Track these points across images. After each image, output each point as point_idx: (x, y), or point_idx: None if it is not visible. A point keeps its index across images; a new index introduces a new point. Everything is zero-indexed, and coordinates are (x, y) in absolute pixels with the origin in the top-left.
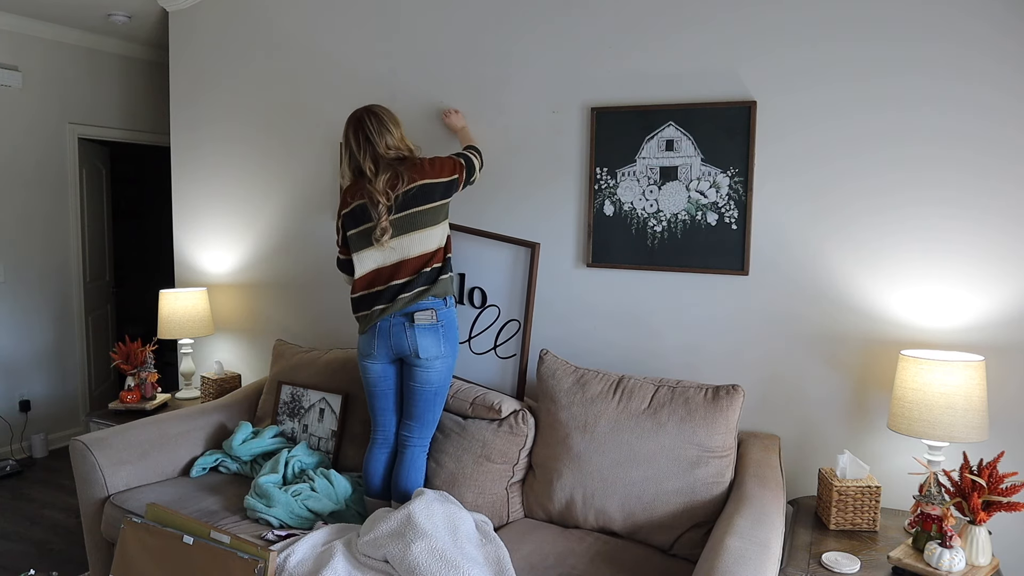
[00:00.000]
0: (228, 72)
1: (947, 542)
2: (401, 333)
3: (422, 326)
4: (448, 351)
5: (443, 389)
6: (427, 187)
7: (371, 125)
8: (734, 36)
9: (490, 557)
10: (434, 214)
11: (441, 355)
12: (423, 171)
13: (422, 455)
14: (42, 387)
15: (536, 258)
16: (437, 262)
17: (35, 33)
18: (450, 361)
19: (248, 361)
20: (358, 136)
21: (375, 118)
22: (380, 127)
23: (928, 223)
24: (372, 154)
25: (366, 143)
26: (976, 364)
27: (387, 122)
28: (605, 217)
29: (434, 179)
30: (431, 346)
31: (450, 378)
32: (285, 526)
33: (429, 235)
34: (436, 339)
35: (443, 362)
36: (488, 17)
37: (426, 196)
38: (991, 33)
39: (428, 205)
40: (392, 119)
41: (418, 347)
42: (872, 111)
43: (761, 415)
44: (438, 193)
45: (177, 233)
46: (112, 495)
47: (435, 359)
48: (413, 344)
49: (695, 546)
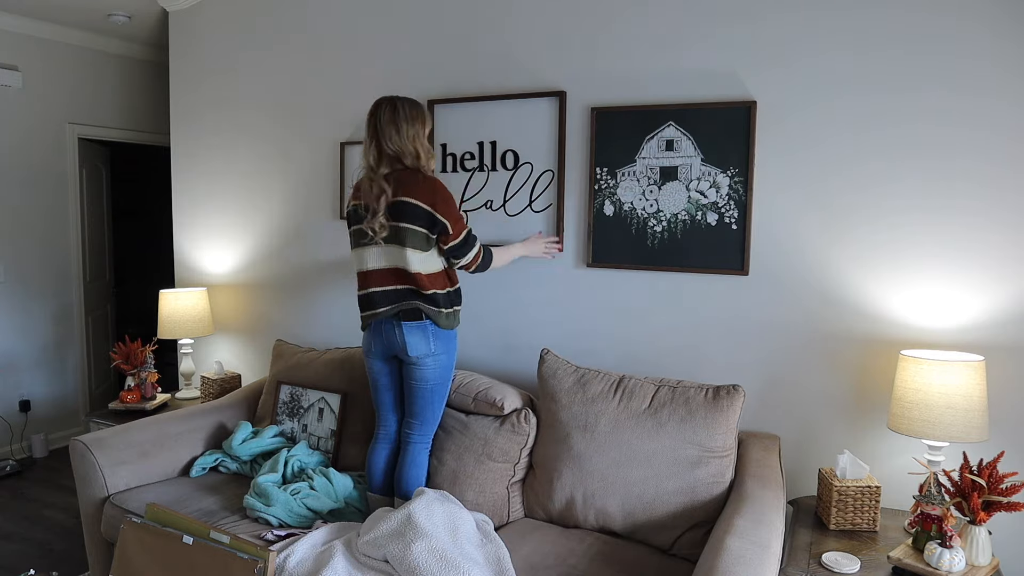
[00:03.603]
0: (228, 72)
1: (947, 542)
2: (392, 331)
3: (410, 324)
4: (440, 349)
5: (441, 387)
6: (410, 206)
7: (383, 115)
8: (734, 36)
9: (490, 557)
10: (417, 239)
11: (431, 353)
12: (412, 188)
13: (423, 452)
14: (42, 387)
15: (564, 105)
16: (430, 289)
17: (35, 33)
18: (443, 359)
19: (248, 361)
20: (371, 124)
21: (390, 109)
22: (391, 119)
23: (929, 223)
24: (377, 145)
25: (375, 133)
26: (976, 364)
27: (400, 117)
28: (605, 217)
29: (420, 202)
30: (419, 344)
31: (447, 376)
32: (284, 525)
33: (411, 256)
34: (424, 337)
35: (435, 360)
36: (486, 12)
37: (409, 215)
38: (994, 42)
39: (410, 226)
40: (408, 116)
41: (407, 346)
42: (873, 114)
43: (761, 415)
44: (421, 219)
45: (177, 233)
46: (112, 495)
47: (425, 357)
48: (402, 342)
49: (695, 546)
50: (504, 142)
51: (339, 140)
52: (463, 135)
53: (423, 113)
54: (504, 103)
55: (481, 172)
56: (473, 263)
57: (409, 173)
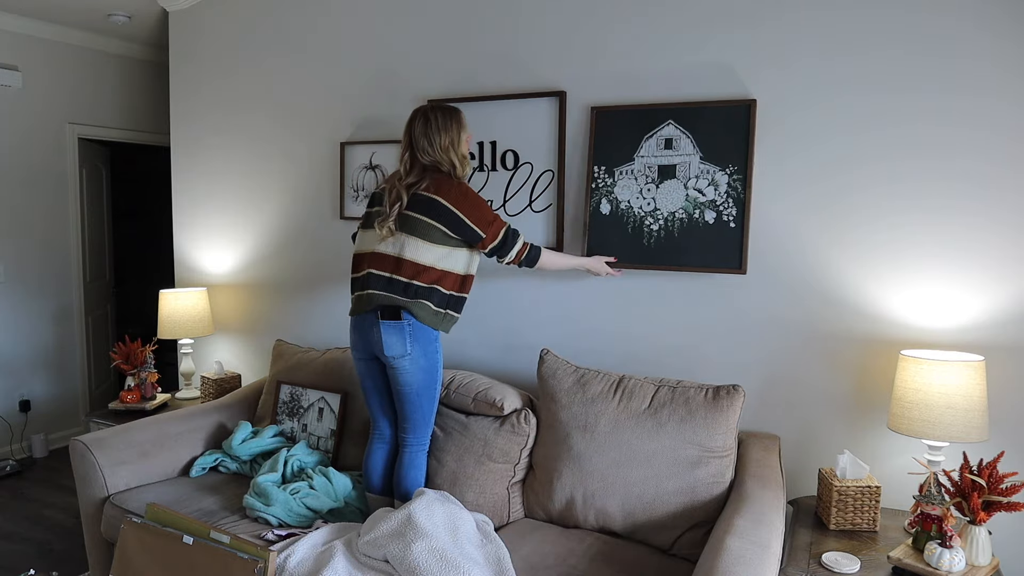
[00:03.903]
0: (228, 72)
1: (947, 542)
2: (371, 328)
3: (388, 323)
4: (417, 351)
5: (425, 390)
6: (437, 204)
7: (417, 126)
8: (734, 35)
9: (490, 557)
10: (433, 233)
11: (407, 354)
12: (444, 189)
13: (419, 454)
14: (42, 387)
15: (564, 105)
16: (426, 281)
17: (35, 33)
18: (422, 362)
19: (248, 361)
20: (408, 132)
21: (422, 121)
22: (424, 130)
23: (929, 223)
24: (411, 154)
25: (409, 143)
26: (976, 364)
27: (432, 129)
28: (602, 216)
29: (449, 204)
30: (395, 344)
31: (431, 381)
32: (284, 525)
33: (421, 248)
34: (401, 338)
35: (412, 363)
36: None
37: (433, 211)
38: (994, 43)
39: (430, 220)
40: (440, 126)
41: (383, 344)
42: (873, 113)
43: (761, 415)
44: (445, 220)
45: (177, 233)
46: (112, 495)
47: (401, 358)
48: (379, 340)
49: (695, 546)
50: (504, 142)
51: (339, 140)
52: None
53: (458, 121)
54: (504, 103)
55: (481, 172)
56: (517, 259)
57: (444, 178)
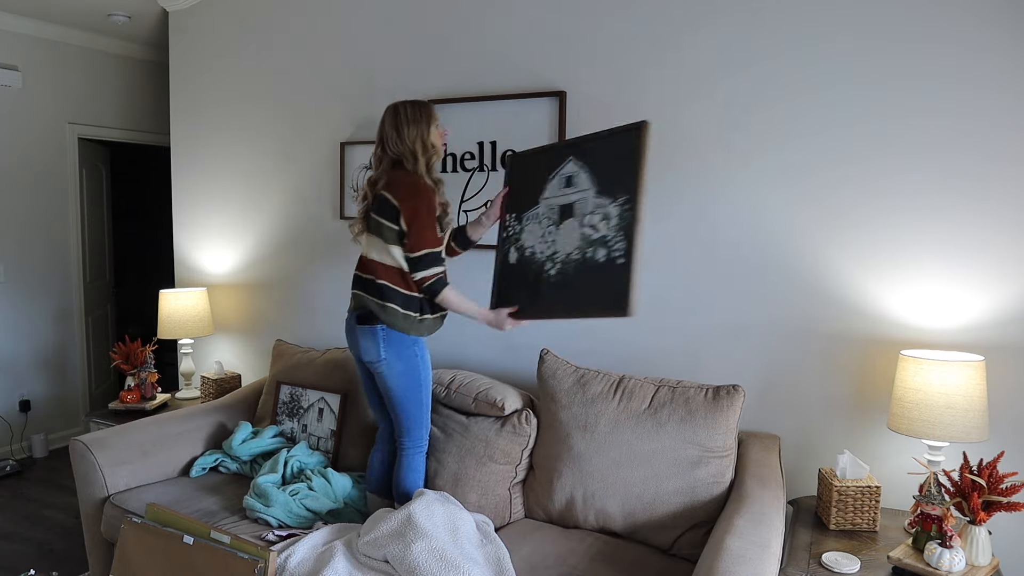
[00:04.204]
0: (228, 72)
1: (947, 542)
2: (352, 331)
3: (363, 328)
4: (392, 356)
5: (408, 393)
6: (386, 201)
7: (386, 120)
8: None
9: (490, 557)
10: (385, 232)
11: (381, 359)
12: (395, 185)
13: (416, 457)
14: (42, 387)
15: (564, 105)
16: (386, 280)
17: (35, 33)
18: (398, 366)
19: (248, 361)
20: (380, 127)
21: (392, 112)
22: (394, 121)
23: (928, 222)
24: (381, 148)
25: (380, 138)
26: (976, 364)
27: (401, 120)
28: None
29: (393, 198)
30: (370, 348)
31: (413, 384)
32: (284, 526)
33: (379, 247)
34: (374, 342)
35: (387, 367)
36: (486, 12)
37: (383, 208)
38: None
39: (381, 219)
40: (409, 118)
41: (360, 347)
42: (874, 113)
43: (761, 415)
44: (386, 212)
45: (177, 233)
46: (112, 495)
47: (377, 363)
48: (357, 343)
49: (695, 546)
50: (504, 142)
51: (339, 140)
52: (463, 135)
53: (428, 114)
54: (504, 103)
55: (481, 172)
56: (422, 283)
57: (403, 173)
